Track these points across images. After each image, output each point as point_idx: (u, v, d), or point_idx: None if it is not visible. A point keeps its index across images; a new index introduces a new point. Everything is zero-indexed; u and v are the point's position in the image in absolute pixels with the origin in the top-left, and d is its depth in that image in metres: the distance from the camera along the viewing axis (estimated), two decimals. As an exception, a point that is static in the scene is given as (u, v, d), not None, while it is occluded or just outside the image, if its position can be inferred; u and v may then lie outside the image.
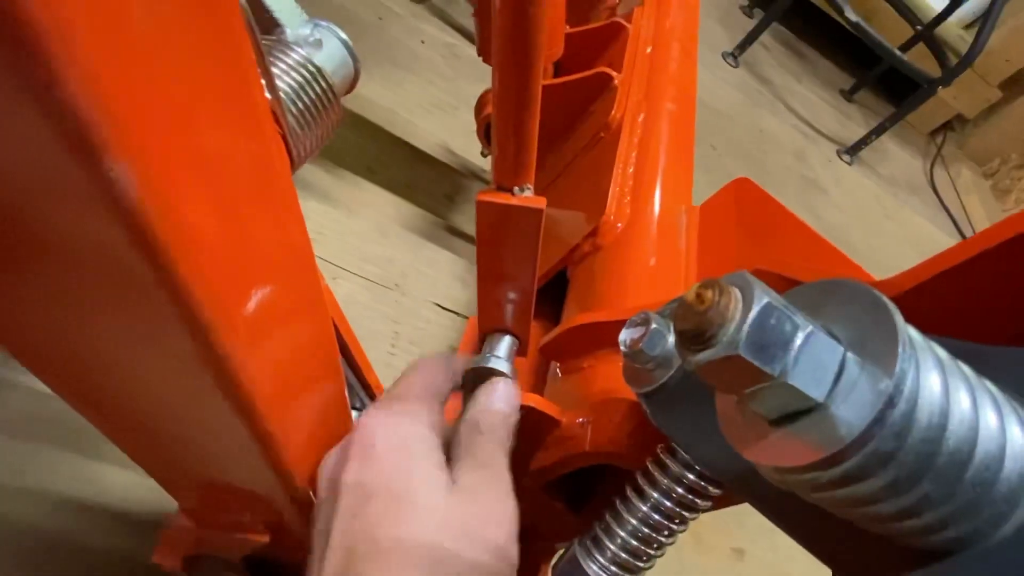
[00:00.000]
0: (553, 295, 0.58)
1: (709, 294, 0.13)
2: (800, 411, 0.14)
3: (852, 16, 1.63)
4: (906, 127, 2.23)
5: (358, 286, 0.78)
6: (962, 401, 0.14)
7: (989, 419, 0.14)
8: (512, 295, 0.37)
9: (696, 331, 0.13)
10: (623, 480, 0.35)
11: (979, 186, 2.24)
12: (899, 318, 0.13)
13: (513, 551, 0.26)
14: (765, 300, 0.13)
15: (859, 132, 1.90)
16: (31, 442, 0.55)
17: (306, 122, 0.25)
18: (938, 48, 1.86)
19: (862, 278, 0.35)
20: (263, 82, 0.23)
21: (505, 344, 0.39)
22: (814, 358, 0.13)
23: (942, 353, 0.15)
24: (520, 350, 0.40)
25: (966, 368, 0.15)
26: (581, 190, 0.60)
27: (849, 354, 0.14)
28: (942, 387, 0.13)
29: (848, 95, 2.18)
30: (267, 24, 0.26)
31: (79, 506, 0.53)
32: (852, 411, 0.13)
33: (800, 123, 1.85)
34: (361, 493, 0.26)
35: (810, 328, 0.14)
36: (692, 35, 0.74)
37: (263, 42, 0.25)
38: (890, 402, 0.13)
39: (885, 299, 0.14)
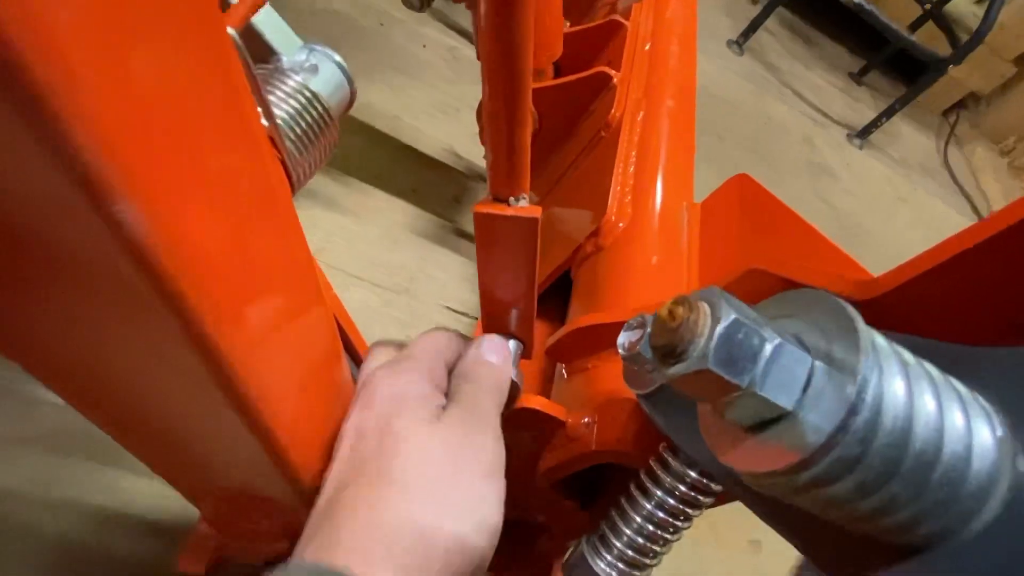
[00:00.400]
0: (559, 295, 0.59)
1: (680, 311, 0.14)
2: (772, 419, 0.14)
3: (857, -1, 1.61)
4: (918, 107, 2.19)
5: (369, 292, 0.79)
6: (927, 404, 0.14)
7: (955, 420, 0.14)
8: (514, 301, 0.37)
9: (669, 346, 0.14)
10: (631, 478, 0.36)
11: (995, 164, 2.21)
12: (861, 326, 0.14)
13: (490, 489, 0.28)
14: (732, 316, 0.14)
15: (869, 115, 1.87)
16: (59, 455, 0.57)
17: (304, 145, 0.26)
18: (947, 26, 1.83)
19: (860, 275, 0.36)
20: (260, 111, 0.24)
21: (510, 347, 0.39)
22: (782, 369, 0.14)
23: (908, 357, 0.15)
24: (525, 353, 0.40)
25: (933, 370, 0.15)
26: (583, 190, 0.60)
27: (817, 363, 0.14)
28: (906, 392, 0.14)
29: (857, 78, 2.15)
30: (264, 52, 0.26)
31: (106, 516, 0.55)
32: (820, 418, 0.14)
33: (808, 109, 1.83)
34: (356, 435, 0.28)
35: (778, 340, 0.14)
36: (691, 29, 0.74)
37: (261, 70, 0.26)
38: (853, 409, 0.13)
39: (849, 308, 0.14)
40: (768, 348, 0.14)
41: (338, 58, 0.29)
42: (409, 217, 0.90)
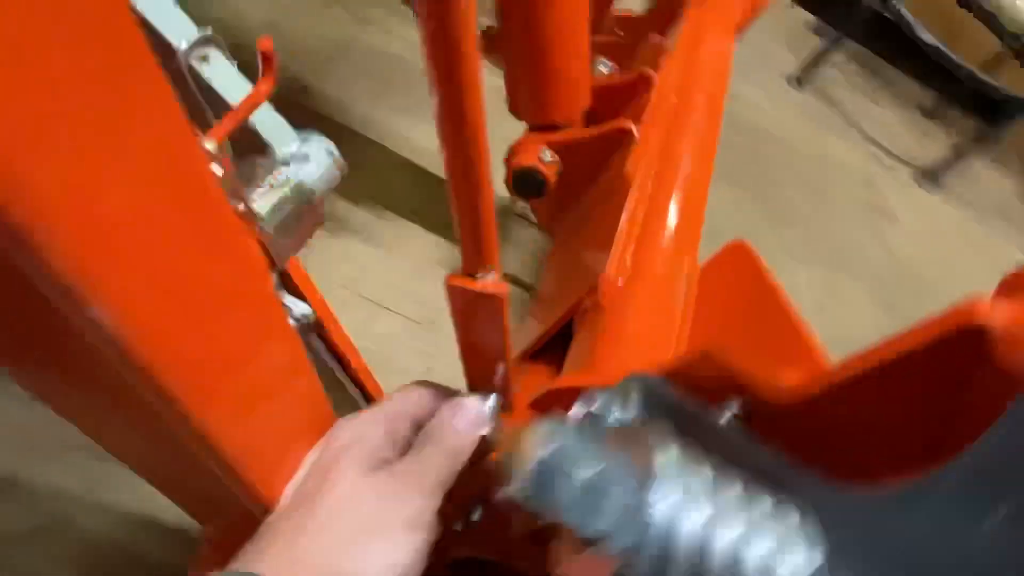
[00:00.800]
0: (564, 342, 0.60)
1: (521, 437, 0.16)
2: (592, 539, 0.16)
3: (927, 38, 1.55)
4: (1001, 147, 2.07)
5: (396, 323, 0.83)
6: (727, 535, 0.15)
7: (758, 551, 0.16)
8: (491, 361, 0.40)
9: (501, 468, 0.16)
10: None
11: (1089, 211, 2.03)
12: (658, 466, 0.16)
13: (407, 541, 0.29)
14: (546, 451, 0.16)
15: (942, 155, 1.78)
16: (104, 460, 0.63)
17: (286, 229, 0.30)
18: (1033, 64, 1.72)
19: (818, 367, 0.36)
20: (239, 205, 0.28)
21: (490, 402, 0.42)
22: (592, 498, 0.16)
23: (727, 493, 0.16)
24: (504, 406, 0.43)
25: (759, 502, 0.17)
26: (591, 244, 0.62)
27: (629, 491, 0.16)
28: (705, 525, 0.15)
29: (930, 114, 2.05)
30: (261, 146, 0.31)
31: (138, 521, 0.60)
32: (620, 544, 0.15)
33: (873, 147, 1.76)
34: (306, 473, 0.32)
35: (591, 473, 0.16)
36: (720, 82, 0.74)
37: (254, 163, 0.30)
38: (641, 541, 0.15)
39: (660, 446, 0.16)
40: (579, 481, 0.16)
41: (328, 145, 0.33)
42: (443, 252, 0.94)
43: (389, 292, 0.85)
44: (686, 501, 0.15)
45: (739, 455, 0.20)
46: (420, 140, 1.04)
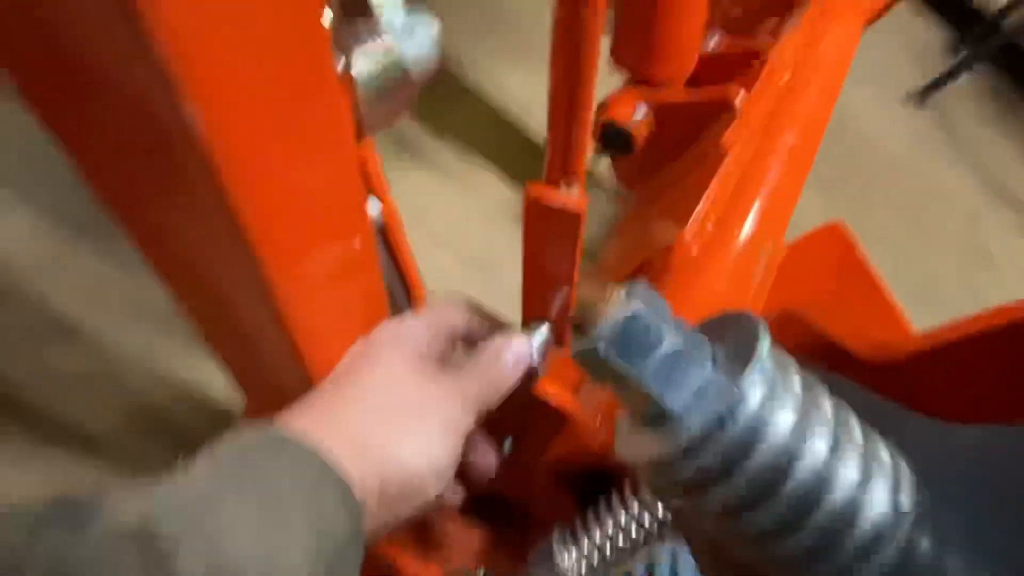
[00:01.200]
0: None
1: (600, 293, 0.15)
2: (660, 416, 0.15)
3: (1077, 73, 1.40)
4: None
5: (454, 261, 0.83)
6: (815, 447, 0.14)
7: (848, 474, 0.14)
8: (554, 287, 0.38)
9: (581, 322, 0.15)
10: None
11: None
12: (761, 353, 0.14)
13: (441, 439, 0.29)
14: (635, 308, 0.14)
15: (1064, 208, 1.63)
16: (168, 332, 0.66)
17: (378, 98, 0.29)
18: None
19: (905, 347, 0.33)
20: (338, 59, 0.28)
21: (541, 333, 0.41)
22: (675, 370, 0.14)
23: (822, 403, 0.15)
24: (556, 341, 0.41)
25: (852, 424, 0.15)
26: (674, 208, 0.59)
27: (714, 375, 0.14)
28: (793, 428, 0.14)
29: (1061, 163, 1.87)
30: (365, 7, 0.30)
31: (188, 394, 0.63)
32: (693, 424, 0.14)
33: (985, 185, 1.63)
34: (350, 354, 0.32)
35: (678, 342, 0.14)
36: (839, 72, 0.69)
37: (358, 24, 0.30)
38: (720, 423, 0.13)
39: (762, 336, 0.14)
40: (665, 347, 0.14)
41: (434, 28, 0.32)
42: (514, 202, 0.93)
43: (452, 230, 0.85)
44: (775, 399, 0.14)
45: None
46: (514, 88, 1.02)
